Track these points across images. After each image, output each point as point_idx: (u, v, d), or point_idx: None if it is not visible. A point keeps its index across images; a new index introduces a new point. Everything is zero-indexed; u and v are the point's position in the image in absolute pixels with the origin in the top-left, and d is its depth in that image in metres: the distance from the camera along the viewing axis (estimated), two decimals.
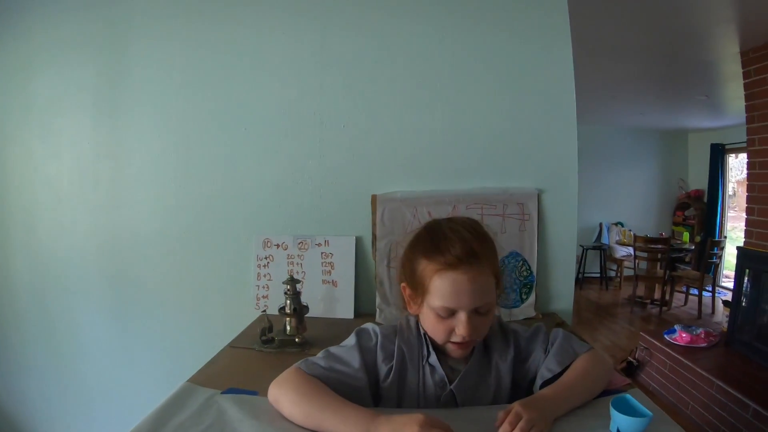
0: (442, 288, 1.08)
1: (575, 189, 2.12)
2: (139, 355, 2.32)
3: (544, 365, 1.20)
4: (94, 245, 2.29)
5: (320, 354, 1.17)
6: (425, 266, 1.10)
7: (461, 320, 1.09)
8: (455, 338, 1.12)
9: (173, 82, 2.18)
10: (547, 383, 1.16)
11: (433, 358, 1.19)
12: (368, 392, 1.17)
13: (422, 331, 1.21)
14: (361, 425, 0.97)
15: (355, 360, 1.15)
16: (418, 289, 1.14)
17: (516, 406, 1.00)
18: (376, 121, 2.11)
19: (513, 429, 0.96)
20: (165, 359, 2.28)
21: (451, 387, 1.18)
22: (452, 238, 1.09)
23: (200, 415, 1.11)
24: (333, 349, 1.19)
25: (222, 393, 1.25)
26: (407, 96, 2.10)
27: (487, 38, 2.08)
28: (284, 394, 1.08)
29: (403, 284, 1.20)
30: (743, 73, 4.18)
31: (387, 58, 2.10)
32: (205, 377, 1.37)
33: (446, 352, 1.19)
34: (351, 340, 1.20)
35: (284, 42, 2.12)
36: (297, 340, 1.72)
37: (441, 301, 1.08)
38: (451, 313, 1.10)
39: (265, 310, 2.08)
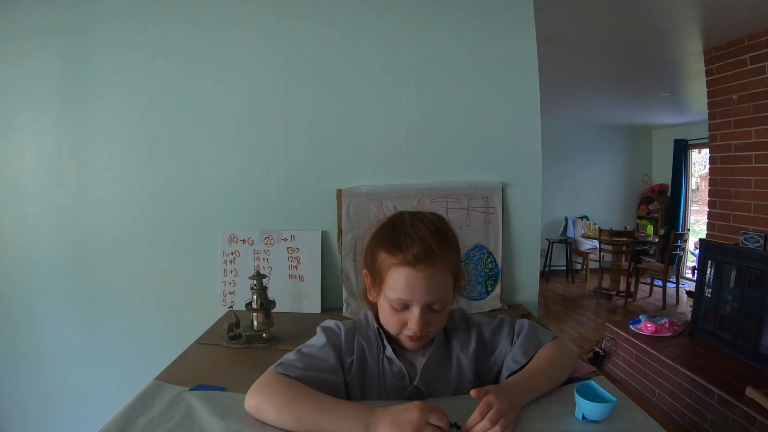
0: (397, 280, 1.09)
1: (539, 183, 2.15)
2: (105, 354, 2.28)
3: (510, 356, 1.22)
4: (58, 244, 2.24)
5: (292, 355, 1.15)
6: (384, 258, 1.12)
7: (414, 315, 1.11)
8: (408, 332, 1.14)
9: (138, 78, 2.14)
10: (513, 374, 1.18)
11: (389, 351, 1.21)
12: (344, 387, 1.18)
13: (376, 326, 1.23)
14: (361, 420, 0.97)
15: (330, 357, 1.16)
16: (376, 278, 1.16)
17: (489, 396, 1.01)
18: (342, 115, 2.11)
19: (482, 418, 0.98)
20: (132, 358, 2.24)
21: (415, 383, 1.19)
22: (413, 236, 1.10)
23: (168, 413, 1.11)
24: (305, 349, 1.18)
25: (190, 390, 1.24)
26: (373, 91, 2.11)
27: (453, 34, 2.09)
28: (268, 401, 1.05)
29: (365, 270, 1.22)
30: (706, 71, 4.26)
31: (353, 53, 2.10)
32: (172, 374, 1.37)
33: (401, 345, 1.21)
34: (320, 338, 1.21)
35: (250, 36, 2.11)
36: (264, 335, 1.72)
37: (395, 293, 1.10)
38: (405, 306, 1.11)
39: (232, 306, 2.07)
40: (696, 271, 4.57)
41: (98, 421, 1.05)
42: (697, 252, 4.84)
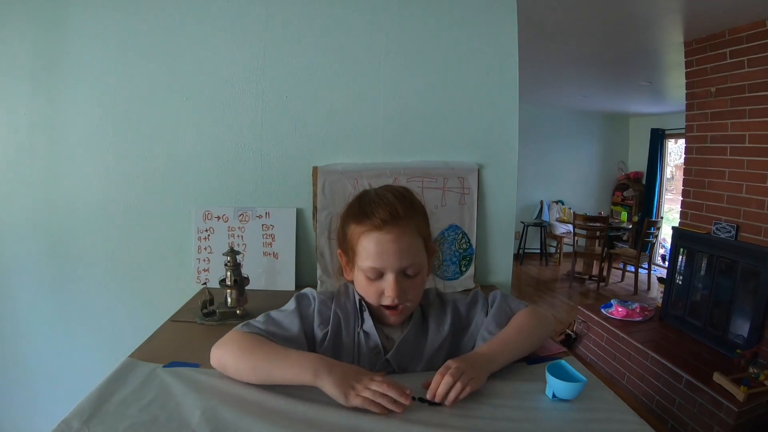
0: (368, 248, 1.12)
1: (515, 165, 2.16)
2: (79, 332, 2.25)
3: (484, 327, 1.25)
4: (30, 221, 2.19)
5: (260, 318, 1.19)
6: (354, 230, 1.15)
7: (389, 281, 1.13)
8: (386, 301, 1.15)
9: (113, 50, 2.08)
10: None
11: (368, 325, 1.22)
12: None
13: (358, 298, 1.23)
14: (310, 366, 1.02)
15: (294, 325, 1.18)
16: (349, 252, 1.18)
17: (448, 361, 1.05)
18: (319, 93, 2.08)
19: (443, 377, 1.02)
20: (105, 335, 2.22)
21: (387, 357, 1.21)
22: (378, 202, 1.14)
23: (143, 390, 1.10)
24: (273, 313, 1.22)
25: (164, 367, 1.23)
26: (351, 69, 2.08)
27: (434, 13, 2.07)
28: (227, 353, 1.11)
29: (339, 251, 1.25)
30: (685, 62, 4.30)
31: (332, 30, 2.07)
32: (146, 352, 1.36)
33: (382, 319, 1.22)
34: (291, 305, 1.23)
35: (228, 10, 2.06)
36: (238, 312, 1.71)
37: (368, 262, 1.12)
38: (380, 274, 1.13)
39: (206, 283, 2.05)
40: (667, 259, 4.65)
41: (72, 400, 1.04)
42: (668, 245, 4.93)
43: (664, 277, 4.70)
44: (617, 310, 4.43)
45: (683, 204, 4.42)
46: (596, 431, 0.98)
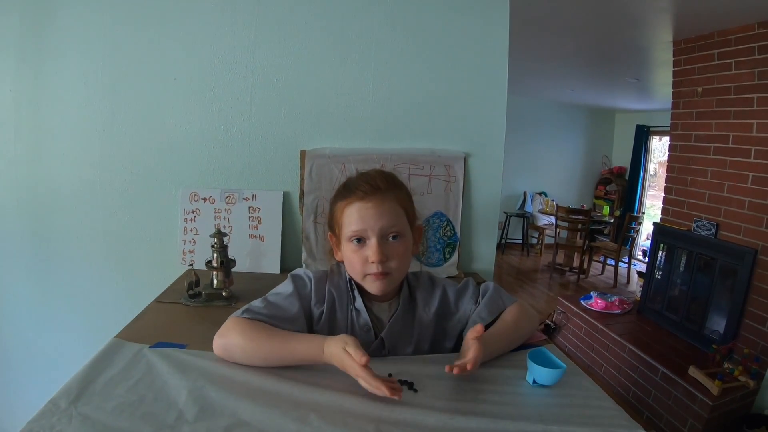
0: (350, 216, 1.19)
1: (501, 155, 2.18)
2: (63, 314, 2.23)
3: (476, 313, 1.29)
4: (13, 200, 2.15)
5: (259, 303, 1.20)
6: (339, 206, 1.22)
7: (372, 245, 1.17)
8: (371, 268, 1.19)
9: (102, 28, 2.04)
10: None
11: (359, 303, 1.26)
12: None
13: (348, 276, 1.28)
14: (318, 343, 1.07)
15: (294, 306, 1.21)
16: (335, 228, 1.24)
17: (479, 344, 1.08)
18: (309, 77, 2.07)
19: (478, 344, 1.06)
20: (90, 316, 2.20)
21: (381, 334, 1.25)
22: (359, 180, 1.22)
23: (129, 370, 1.11)
24: (271, 297, 1.23)
25: (150, 347, 1.24)
26: (341, 54, 2.08)
27: (427, 1, 2.07)
28: (234, 342, 1.13)
29: (329, 234, 1.30)
30: (673, 61, 4.32)
31: (323, 15, 2.06)
32: (132, 333, 1.36)
33: (371, 298, 1.27)
34: (288, 287, 1.26)
35: None
36: (224, 293, 1.71)
37: (350, 228, 1.19)
38: (363, 241, 1.19)
39: (191, 265, 2.04)
40: (648, 253, 4.71)
41: (57, 382, 1.04)
42: (649, 242, 4.99)
43: (644, 271, 4.76)
44: (596, 302, 4.49)
45: (665, 200, 4.47)
46: (574, 416, 1.01)
